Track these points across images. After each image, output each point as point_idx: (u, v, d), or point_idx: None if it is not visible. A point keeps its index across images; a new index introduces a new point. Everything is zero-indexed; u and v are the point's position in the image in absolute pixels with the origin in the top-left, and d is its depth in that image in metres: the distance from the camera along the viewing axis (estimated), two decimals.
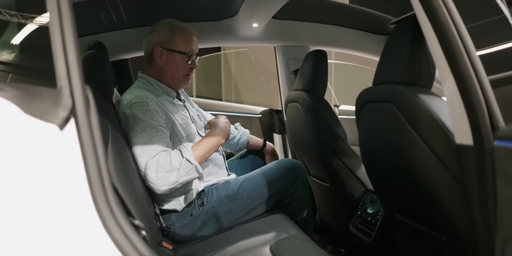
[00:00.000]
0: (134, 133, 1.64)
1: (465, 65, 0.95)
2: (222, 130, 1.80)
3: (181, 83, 1.90)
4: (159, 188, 1.59)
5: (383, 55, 1.37)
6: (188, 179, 1.63)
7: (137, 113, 1.66)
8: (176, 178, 1.59)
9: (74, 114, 0.77)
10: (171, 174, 1.58)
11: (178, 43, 1.84)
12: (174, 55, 1.84)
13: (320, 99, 2.09)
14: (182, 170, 1.60)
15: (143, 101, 1.69)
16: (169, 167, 1.58)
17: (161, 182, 1.58)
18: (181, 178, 1.60)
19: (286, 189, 1.87)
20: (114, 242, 0.76)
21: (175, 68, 1.85)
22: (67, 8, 0.80)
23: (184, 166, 1.60)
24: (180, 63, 1.85)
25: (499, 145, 0.74)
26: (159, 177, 1.57)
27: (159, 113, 1.71)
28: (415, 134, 1.16)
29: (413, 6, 1.04)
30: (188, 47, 1.86)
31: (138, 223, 0.91)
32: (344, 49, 2.68)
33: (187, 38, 1.86)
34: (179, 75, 1.86)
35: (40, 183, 0.73)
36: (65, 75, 0.78)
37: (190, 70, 1.89)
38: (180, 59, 1.85)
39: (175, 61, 1.85)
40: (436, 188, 1.16)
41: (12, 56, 1.15)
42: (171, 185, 1.59)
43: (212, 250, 1.57)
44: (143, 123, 1.65)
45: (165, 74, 1.86)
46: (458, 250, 1.21)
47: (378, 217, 1.80)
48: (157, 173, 1.57)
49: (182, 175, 1.60)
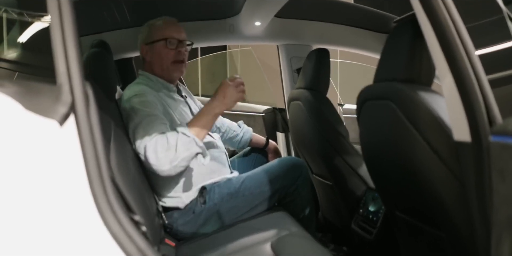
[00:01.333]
0: (132, 122, 1.66)
1: (463, 62, 0.95)
2: (221, 97, 1.65)
3: (172, 72, 1.89)
4: (162, 169, 1.56)
5: (383, 52, 1.38)
6: (189, 155, 1.59)
7: (135, 105, 1.68)
8: (176, 154, 1.55)
9: (74, 110, 0.78)
10: (170, 151, 1.55)
11: (154, 34, 1.88)
12: (154, 46, 1.88)
13: (322, 97, 2.09)
14: (181, 145, 1.56)
15: (141, 94, 1.72)
16: (167, 145, 1.55)
17: (162, 162, 1.55)
18: (181, 154, 1.56)
19: (288, 186, 1.87)
20: (113, 237, 0.77)
21: (159, 57, 1.87)
22: (68, 6, 0.81)
23: (181, 140, 1.57)
24: (162, 51, 1.87)
25: (494, 141, 0.75)
26: (159, 157, 1.55)
27: (157, 105, 1.73)
28: (414, 131, 1.16)
29: (412, 4, 1.04)
30: (163, 33, 1.87)
31: (138, 218, 0.92)
32: (347, 48, 2.68)
33: (161, 26, 1.89)
34: (166, 63, 1.87)
35: (40, 178, 0.74)
36: (65, 72, 0.79)
37: (177, 55, 1.88)
38: (160, 47, 1.87)
39: (157, 51, 1.87)
40: (435, 185, 1.16)
41: (13, 53, 1.16)
42: (173, 162, 1.56)
43: (214, 247, 1.58)
44: (140, 112, 1.66)
45: (155, 68, 1.89)
46: (458, 248, 1.21)
47: (379, 215, 1.80)
48: (156, 153, 1.55)
49: (181, 150, 1.56)
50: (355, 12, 2.54)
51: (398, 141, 1.27)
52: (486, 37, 1.14)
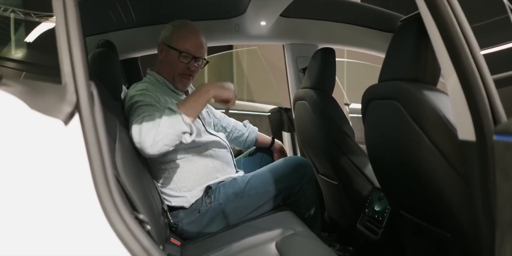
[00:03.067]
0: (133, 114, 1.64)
1: (468, 61, 0.95)
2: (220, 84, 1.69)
3: (177, 82, 1.88)
4: (145, 145, 1.51)
5: (388, 52, 1.37)
6: (173, 132, 1.53)
7: (137, 99, 1.67)
8: (159, 130, 1.51)
9: (79, 110, 0.79)
10: (154, 128, 1.52)
11: (174, 39, 1.84)
12: (169, 51, 1.84)
13: (328, 96, 2.09)
14: (165, 121, 1.52)
15: (143, 91, 1.71)
16: (152, 123, 1.53)
17: (145, 139, 1.51)
18: (165, 129, 1.51)
19: (293, 186, 1.87)
20: (117, 235, 0.77)
21: (170, 64, 1.85)
22: (73, 5, 0.82)
23: (166, 115, 1.53)
24: (173, 60, 1.83)
25: (498, 140, 0.74)
26: (142, 134, 1.51)
27: (159, 98, 1.72)
28: (420, 130, 1.16)
29: (417, 3, 1.04)
30: (183, 44, 1.82)
31: (143, 217, 0.92)
32: (353, 47, 2.67)
33: (184, 36, 1.84)
34: (173, 72, 1.85)
35: (45, 177, 0.75)
36: (70, 72, 0.80)
37: (186, 70, 1.85)
38: (174, 56, 1.83)
39: (170, 57, 1.85)
40: (439, 185, 1.16)
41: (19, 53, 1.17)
42: (155, 138, 1.50)
43: (219, 246, 1.58)
44: (140, 102, 1.65)
45: (163, 69, 1.88)
46: (464, 248, 1.20)
47: (385, 214, 1.80)
48: (140, 130, 1.52)
49: (165, 126, 1.52)
50: (361, 11, 2.54)
51: (403, 140, 1.27)
52: (492, 36, 1.14)
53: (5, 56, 1.17)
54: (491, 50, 1.06)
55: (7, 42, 1.19)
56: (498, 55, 1.11)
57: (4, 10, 1.25)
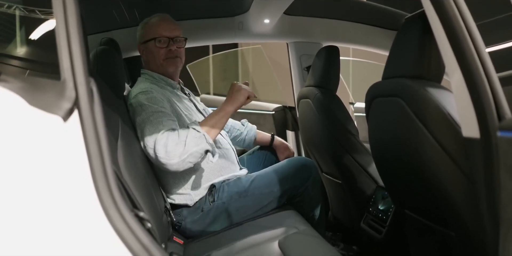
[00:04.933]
0: (141, 119, 1.67)
1: (472, 58, 0.94)
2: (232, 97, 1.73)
3: (166, 68, 1.92)
4: (171, 162, 1.56)
5: (392, 49, 1.36)
6: (198, 150, 1.59)
7: (142, 101, 1.70)
8: (185, 148, 1.56)
9: (78, 106, 0.78)
10: (180, 145, 1.56)
11: (146, 33, 1.91)
12: (147, 45, 1.91)
13: (332, 95, 2.08)
14: (190, 139, 1.57)
15: (148, 91, 1.74)
16: (178, 139, 1.57)
17: (171, 155, 1.55)
18: (190, 148, 1.57)
19: (297, 187, 1.86)
20: (116, 232, 0.77)
21: (152, 56, 1.91)
22: (72, 1, 0.81)
23: (192, 135, 1.58)
24: (153, 50, 1.89)
25: (502, 136, 0.73)
26: (169, 150, 1.55)
27: (164, 101, 1.74)
28: (423, 128, 1.15)
29: (421, 0, 1.03)
30: (154, 32, 1.89)
31: (143, 215, 0.92)
32: (357, 45, 2.66)
33: (152, 25, 1.91)
34: (158, 61, 1.90)
35: (43, 174, 0.74)
36: (69, 68, 0.79)
37: (167, 53, 1.89)
38: (151, 46, 1.90)
39: (149, 49, 1.91)
40: (444, 183, 1.15)
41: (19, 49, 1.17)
42: (181, 156, 1.55)
43: (221, 245, 1.58)
44: (149, 108, 1.68)
45: (152, 66, 1.94)
46: (468, 246, 1.19)
47: (389, 213, 1.79)
48: (166, 147, 1.56)
49: (191, 145, 1.57)
50: (365, 9, 2.52)
51: (407, 138, 1.26)
52: (497, 34, 1.13)
53: (4, 52, 1.17)
54: (496, 47, 1.04)
55: (8, 39, 1.19)
56: (503, 53, 1.10)
57: (8, 7, 1.25)
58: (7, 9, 1.26)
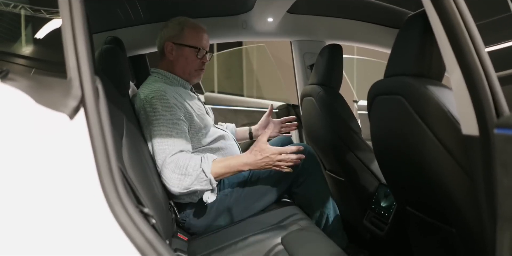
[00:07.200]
0: (152, 127, 1.68)
1: (472, 56, 0.95)
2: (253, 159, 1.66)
3: (192, 77, 1.94)
4: (171, 188, 1.63)
5: (394, 47, 1.37)
6: (200, 189, 1.65)
7: (157, 107, 1.69)
8: (190, 185, 1.62)
9: (84, 104, 0.80)
10: (186, 178, 1.61)
11: (187, 37, 1.88)
12: (184, 49, 1.88)
13: (335, 93, 2.09)
14: (196, 179, 1.61)
15: (162, 95, 1.72)
16: (185, 170, 1.60)
17: (174, 183, 1.61)
18: (194, 186, 1.62)
19: (296, 167, 1.83)
20: (121, 227, 0.78)
21: (186, 62, 1.89)
22: (78, 1, 0.83)
23: (199, 176, 1.61)
24: (190, 57, 1.89)
25: (498, 133, 0.74)
26: (174, 177, 1.60)
27: (178, 107, 1.74)
28: (424, 125, 1.16)
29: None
30: (198, 41, 1.89)
31: (148, 211, 0.93)
32: (360, 43, 2.67)
33: (196, 33, 1.90)
34: (189, 69, 1.90)
35: (50, 170, 0.76)
36: (75, 66, 0.81)
37: (201, 65, 1.92)
38: (190, 53, 1.88)
39: (185, 55, 1.89)
40: (444, 180, 1.16)
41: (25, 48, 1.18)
42: (183, 190, 1.62)
43: (224, 241, 1.59)
44: (162, 117, 1.68)
45: (176, 68, 1.91)
46: (469, 243, 1.20)
47: (391, 210, 1.80)
48: (172, 173, 1.60)
49: (195, 183, 1.62)
50: (368, 7, 2.52)
51: (408, 135, 1.27)
52: (497, 34, 1.13)
53: (11, 51, 1.19)
54: (496, 47, 1.05)
55: (14, 38, 1.21)
56: (503, 52, 1.11)
57: (14, 7, 1.27)
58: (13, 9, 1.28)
